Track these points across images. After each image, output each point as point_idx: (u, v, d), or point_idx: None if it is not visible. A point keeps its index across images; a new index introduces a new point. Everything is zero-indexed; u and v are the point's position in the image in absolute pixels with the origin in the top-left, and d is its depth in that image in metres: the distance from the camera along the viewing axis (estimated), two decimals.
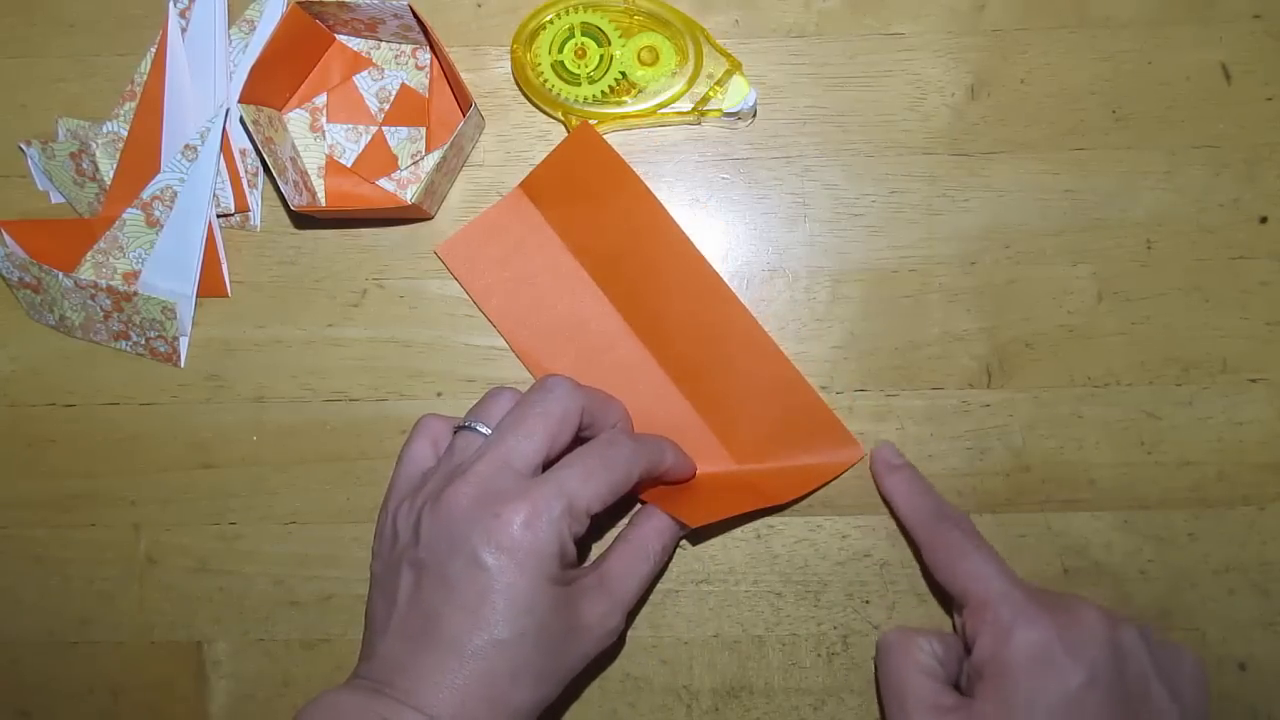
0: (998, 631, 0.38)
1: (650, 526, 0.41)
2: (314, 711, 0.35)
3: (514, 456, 0.37)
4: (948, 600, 0.44)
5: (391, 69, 0.48)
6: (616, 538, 0.42)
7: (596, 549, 0.46)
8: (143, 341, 0.47)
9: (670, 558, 0.43)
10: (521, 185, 0.47)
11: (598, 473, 0.38)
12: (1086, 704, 0.36)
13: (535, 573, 0.36)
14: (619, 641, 0.44)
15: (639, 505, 0.43)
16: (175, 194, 0.46)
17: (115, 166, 0.47)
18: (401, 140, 0.47)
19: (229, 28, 0.48)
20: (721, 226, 0.47)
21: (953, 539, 0.41)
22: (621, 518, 0.45)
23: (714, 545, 0.46)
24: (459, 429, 0.40)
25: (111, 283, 0.46)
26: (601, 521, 0.46)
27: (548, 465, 0.38)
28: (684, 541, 0.46)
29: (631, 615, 0.44)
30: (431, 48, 0.46)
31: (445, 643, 0.35)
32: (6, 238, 0.47)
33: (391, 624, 0.37)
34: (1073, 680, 0.36)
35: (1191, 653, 0.40)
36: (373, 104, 0.48)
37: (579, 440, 0.40)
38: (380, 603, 0.38)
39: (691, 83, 0.46)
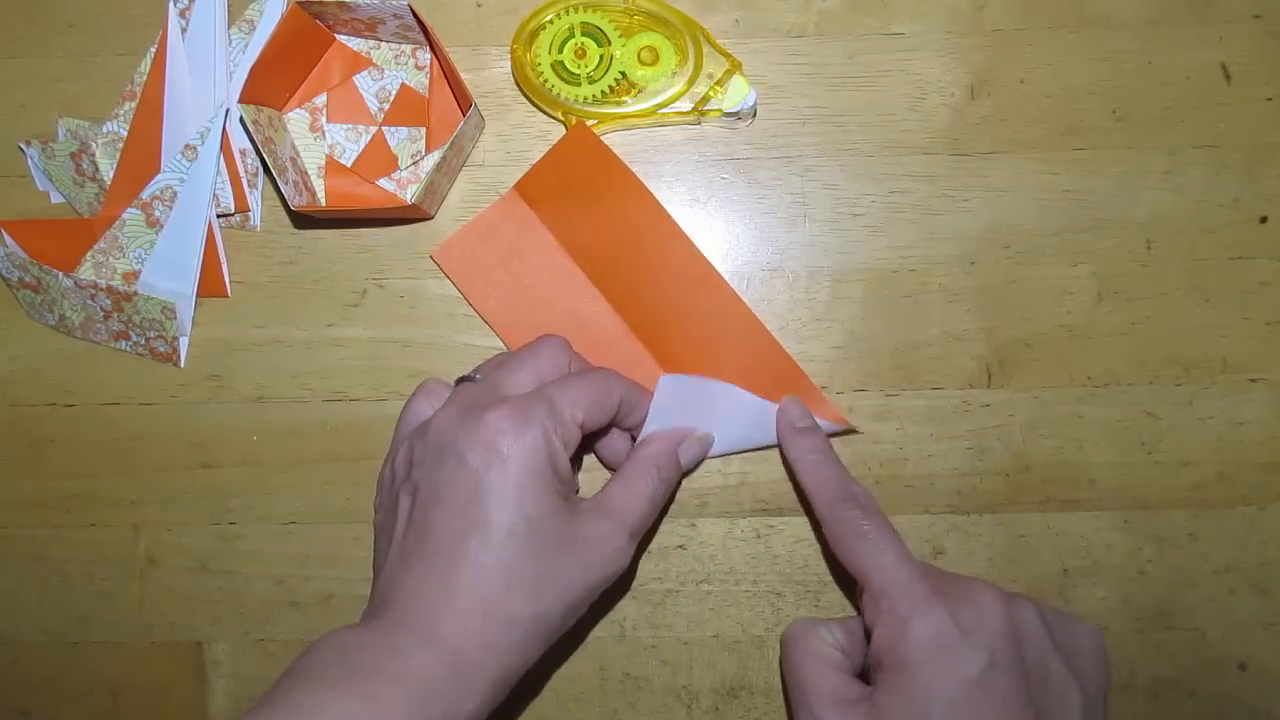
0: (894, 621, 0.37)
1: (642, 453, 0.41)
2: (308, 653, 0.35)
3: (502, 384, 0.38)
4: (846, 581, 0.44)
5: (391, 69, 0.48)
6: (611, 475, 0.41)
7: None
8: (143, 341, 0.47)
9: (672, 487, 0.42)
10: (516, 187, 0.47)
11: (576, 382, 0.38)
12: (987, 689, 0.35)
13: (524, 469, 0.35)
14: (629, 574, 0.44)
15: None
16: (175, 194, 0.46)
17: (115, 166, 0.47)
18: (401, 140, 0.47)
19: (229, 28, 0.48)
20: (721, 226, 0.47)
21: (853, 520, 0.40)
22: None
23: (714, 545, 0.46)
24: (460, 380, 0.41)
25: (111, 283, 0.46)
26: None
27: None
28: (683, 541, 0.46)
29: (641, 546, 0.43)
30: (431, 48, 0.46)
31: (437, 553, 0.35)
32: (6, 238, 0.47)
33: (391, 553, 0.37)
34: (972, 667, 0.36)
35: (1090, 626, 0.39)
36: (373, 104, 0.48)
37: None
38: (381, 545, 0.38)
39: (691, 83, 0.46)
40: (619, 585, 0.45)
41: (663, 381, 0.41)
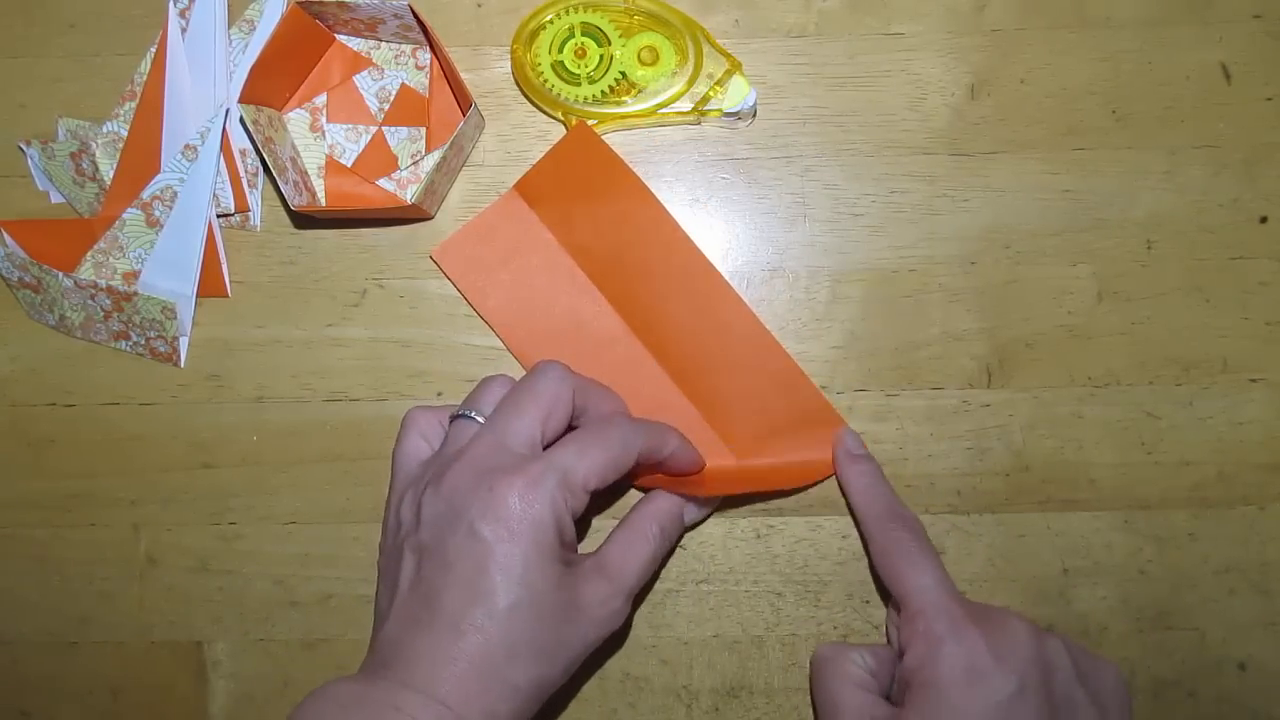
0: (929, 643, 0.38)
1: (648, 510, 0.41)
2: (310, 703, 0.35)
3: (508, 436, 0.38)
4: (888, 596, 0.44)
5: (391, 69, 0.48)
6: (616, 526, 0.42)
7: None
8: (143, 341, 0.47)
9: (674, 544, 0.43)
10: (516, 186, 0.47)
11: (592, 447, 0.38)
12: (1014, 714, 0.37)
13: (531, 544, 0.36)
14: (624, 629, 0.44)
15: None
16: (175, 194, 0.46)
17: (115, 166, 0.47)
18: (401, 140, 0.47)
19: (229, 28, 0.48)
20: (721, 226, 0.47)
21: (900, 541, 0.41)
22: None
23: (714, 545, 0.46)
24: (454, 418, 0.40)
25: (111, 283, 0.46)
26: (598, 521, 0.46)
27: (546, 448, 0.39)
28: (684, 541, 0.46)
29: (637, 602, 0.44)
30: (431, 48, 0.46)
31: (443, 620, 0.35)
32: (6, 238, 0.47)
33: (393, 610, 0.37)
34: (1001, 692, 0.37)
35: (1113, 665, 0.40)
36: (373, 104, 0.48)
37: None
38: (384, 592, 0.39)
39: (691, 83, 0.46)
40: None
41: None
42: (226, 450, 0.47)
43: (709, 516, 0.45)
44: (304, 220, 0.48)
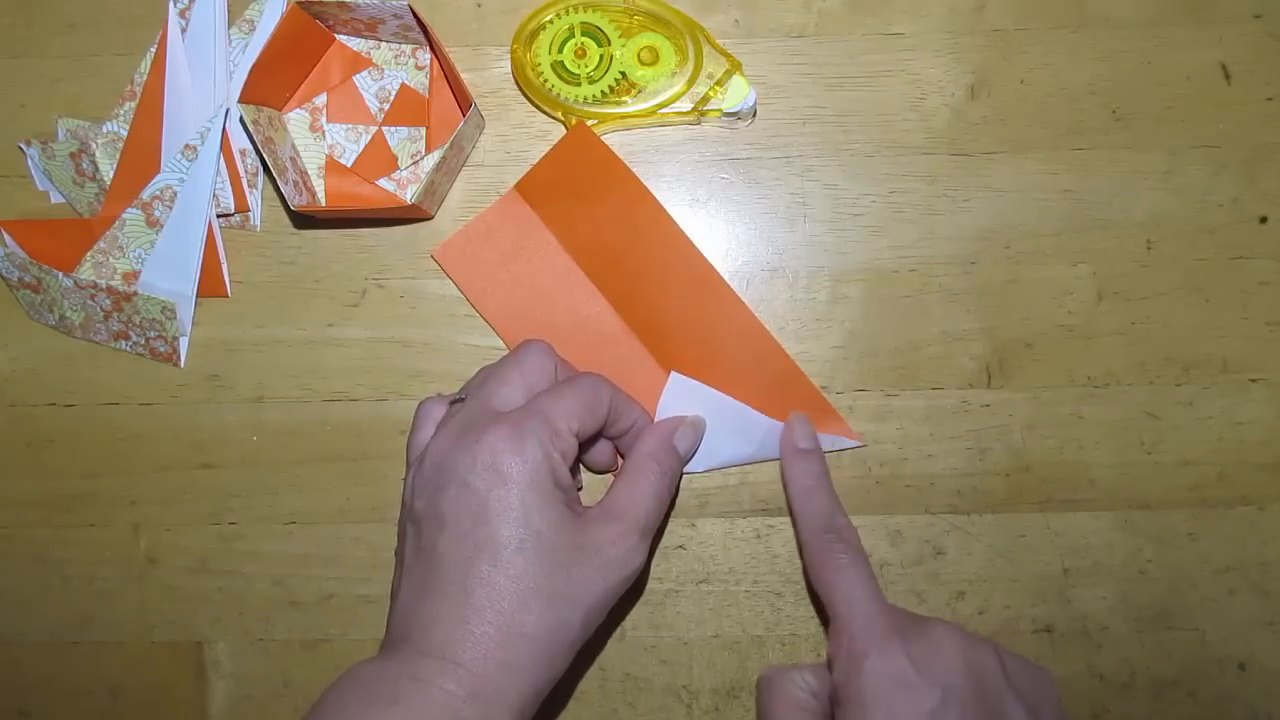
0: (852, 658, 0.38)
1: (639, 451, 0.41)
2: (334, 688, 0.35)
3: (492, 399, 0.38)
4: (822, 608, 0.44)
5: (391, 69, 0.48)
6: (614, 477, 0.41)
7: None
8: (143, 341, 0.47)
9: (676, 478, 0.42)
10: (516, 186, 0.47)
11: (565, 392, 0.38)
12: None
13: (525, 486, 0.36)
14: (644, 577, 0.44)
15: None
16: (175, 194, 0.46)
17: (115, 166, 0.47)
18: (401, 140, 0.47)
19: (229, 28, 0.48)
20: (721, 226, 0.47)
21: (832, 550, 0.41)
22: None
23: (714, 545, 0.46)
24: (453, 401, 0.41)
25: (111, 283, 0.46)
26: None
27: None
28: (684, 541, 0.46)
29: (653, 546, 0.43)
30: (431, 48, 0.46)
31: (450, 577, 0.35)
32: (6, 238, 0.47)
33: (403, 583, 0.37)
34: (925, 703, 0.36)
35: (1046, 672, 0.40)
36: (373, 104, 0.48)
37: None
38: (396, 573, 0.39)
39: (691, 83, 0.46)
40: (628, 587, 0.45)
41: (674, 379, 0.42)
42: (226, 450, 0.47)
43: (700, 440, 0.44)
44: (304, 220, 0.48)
